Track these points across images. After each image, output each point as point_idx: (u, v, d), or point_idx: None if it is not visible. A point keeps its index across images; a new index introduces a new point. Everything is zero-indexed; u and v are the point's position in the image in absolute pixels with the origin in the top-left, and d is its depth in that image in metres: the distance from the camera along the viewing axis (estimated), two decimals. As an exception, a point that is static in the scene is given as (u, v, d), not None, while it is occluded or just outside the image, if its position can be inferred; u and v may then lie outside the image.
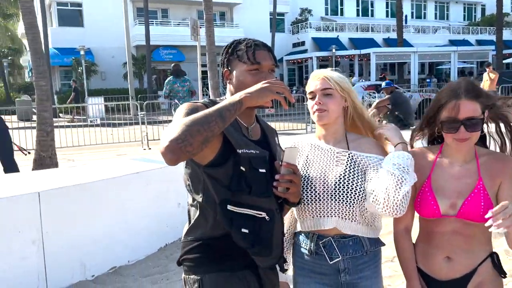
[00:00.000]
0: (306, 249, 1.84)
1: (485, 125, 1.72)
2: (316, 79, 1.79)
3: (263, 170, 1.56)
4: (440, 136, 1.77)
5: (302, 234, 1.87)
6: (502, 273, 1.72)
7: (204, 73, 13.28)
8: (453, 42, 38.33)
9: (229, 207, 1.53)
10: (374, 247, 1.81)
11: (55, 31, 28.35)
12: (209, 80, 9.16)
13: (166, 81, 9.34)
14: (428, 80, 30.92)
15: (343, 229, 1.75)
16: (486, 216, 1.37)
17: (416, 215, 1.83)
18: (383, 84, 8.34)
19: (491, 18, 39.71)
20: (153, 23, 28.67)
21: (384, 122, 7.64)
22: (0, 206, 3.32)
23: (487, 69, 14.16)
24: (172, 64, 9.91)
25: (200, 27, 12.65)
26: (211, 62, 9.44)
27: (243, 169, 1.52)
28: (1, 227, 3.30)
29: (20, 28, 39.81)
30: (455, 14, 45.38)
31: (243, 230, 1.53)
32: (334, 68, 1.89)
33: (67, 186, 3.75)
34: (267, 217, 1.58)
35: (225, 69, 1.64)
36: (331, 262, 1.77)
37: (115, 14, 26.20)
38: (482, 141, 1.76)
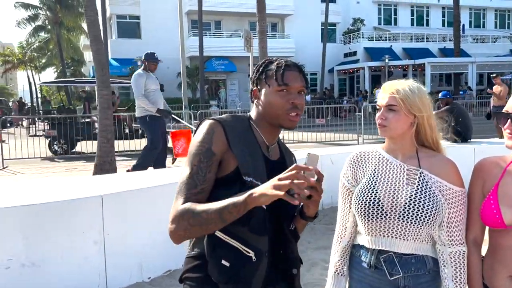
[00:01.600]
0: (365, 262, 1.79)
1: None
2: (384, 92, 1.75)
3: (264, 207, 1.44)
4: None
5: (362, 247, 1.83)
6: None
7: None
8: (515, 52, 36.55)
9: (218, 232, 1.46)
10: (437, 267, 1.75)
11: (114, 42, 29.76)
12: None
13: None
14: (461, 92, 28.76)
15: (406, 250, 1.71)
16: None
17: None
18: (440, 94, 8.10)
19: (557, 26, 37.56)
20: (206, 35, 29.42)
21: (441, 134, 7.40)
22: (66, 207, 3.53)
23: (494, 81, 11.54)
24: None
25: (253, 38, 12.85)
26: (263, 72, 9.58)
27: None
28: (66, 227, 3.51)
29: (82, 40, 42.18)
30: (517, 22, 43.28)
31: (223, 262, 1.45)
32: (413, 79, 1.83)
33: (128, 191, 3.93)
34: (254, 258, 1.47)
35: (255, 88, 1.64)
36: (391, 278, 1.72)
37: (171, 26, 27.13)
38: None
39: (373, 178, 1.77)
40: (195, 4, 25.84)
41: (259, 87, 1.62)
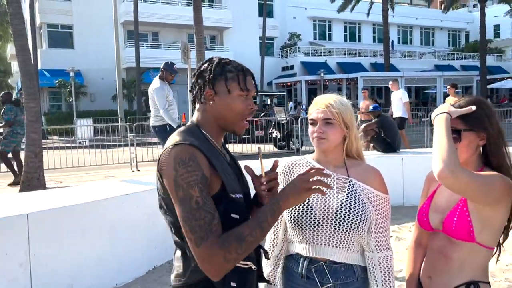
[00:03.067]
0: (297, 272, 1.83)
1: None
2: (318, 107, 1.80)
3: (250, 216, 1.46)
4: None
5: (294, 257, 1.86)
6: None
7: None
8: (438, 67, 39.17)
9: None
10: (365, 273, 1.82)
11: (45, 52, 28.44)
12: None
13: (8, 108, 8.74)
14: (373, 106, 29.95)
15: (338, 258, 1.77)
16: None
17: None
18: (370, 107, 8.48)
19: (474, 44, 40.79)
20: (143, 46, 28.91)
21: (371, 145, 7.74)
22: (-13, 228, 3.30)
23: (449, 91, 11.02)
24: (3, 92, 9.40)
25: (191, 50, 12.81)
26: (201, 85, 9.57)
27: (236, 216, 1.41)
28: (-12, 249, 3.27)
29: (8, 50, 39.86)
30: (440, 40, 46.54)
31: (232, 284, 1.43)
32: (336, 93, 1.90)
33: (56, 208, 3.73)
34: (253, 267, 1.51)
35: (209, 90, 1.50)
36: (322, 287, 1.78)
37: (106, 36, 26.41)
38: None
39: None
40: (131, 14, 25.35)
41: (215, 90, 1.49)
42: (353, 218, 1.73)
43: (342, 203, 1.75)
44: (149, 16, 29.17)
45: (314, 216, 1.76)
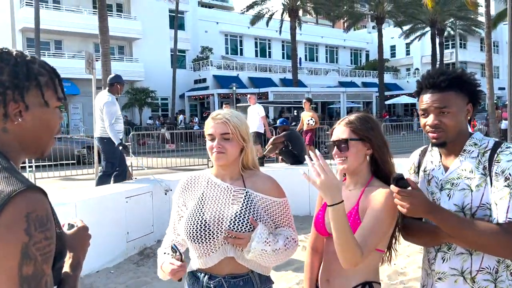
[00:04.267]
0: None
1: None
2: (215, 122, 1.82)
3: None
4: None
5: (194, 273, 1.86)
6: None
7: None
8: (342, 84, 41.63)
9: None
10: (264, 285, 1.85)
11: None
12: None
13: None
14: (280, 120, 30.55)
15: (236, 269, 1.78)
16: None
17: None
18: (278, 122, 8.77)
19: (374, 63, 44.05)
20: (45, 55, 27.12)
21: (280, 157, 7.97)
22: None
23: (304, 105, 11.22)
24: None
25: (97, 61, 12.25)
26: (107, 96, 9.16)
27: None
28: None
29: None
30: (344, 58, 49.60)
31: None
32: (233, 106, 1.94)
33: None
34: None
35: (15, 102, 1.04)
36: None
37: (1, 42, 24.31)
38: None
39: (201, 202, 1.84)
40: (31, 21, 23.69)
41: (25, 102, 1.06)
42: (246, 228, 1.75)
43: (236, 212, 1.78)
44: (51, 23, 27.48)
45: (209, 229, 1.77)
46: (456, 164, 1.68)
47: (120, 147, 6.37)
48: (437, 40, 36.19)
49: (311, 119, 10.32)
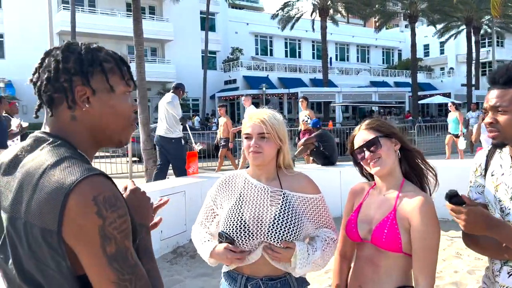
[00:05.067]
0: None
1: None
2: (252, 122, 1.83)
3: None
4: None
5: (231, 274, 1.86)
6: None
7: (133, 108, 12.97)
8: (373, 83, 41.02)
9: None
10: (301, 287, 1.85)
11: (-28, 61, 26.69)
12: (139, 115, 9.01)
13: None
14: (313, 121, 29.35)
15: (274, 272, 1.79)
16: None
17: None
18: (311, 122, 8.71)
19: (407, 62, 43.17)
20: (81, 57, 27.90)
21: (311, 158, 7.91)
22: None
23: (301, 104, 10.62)
24: None
25: (131, 62, 12.51)
26: (141, 97, 9.32)
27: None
28: None
29: None
30: (375, 57, 48.88)
31: None
32: (268, 106, 1.95)
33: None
34: None
35: (82, 86, 1.06)
36: None
37: (40, 46, 25.21)
38: (419, 180, 1.84)
39: (239, 202, 1.85)
40: (68, 24, 24.44)
41: (92, 87, 1.08)
42: (287, 230, 1.75)
43: (276, 215, 1.77)
44: (86, 26, 28.28)
45: (248, 229, 1.77)
46: None
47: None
48: (473, 39, 35.11)
49: (307, 116, 9.75)
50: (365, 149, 1.77)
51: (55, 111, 1.08)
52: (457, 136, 11.95)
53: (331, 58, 39.21)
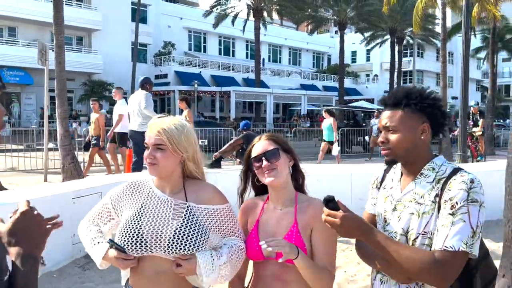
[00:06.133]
0: None
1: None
2: (151, 131, 1.74)
3: None
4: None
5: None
6: None
7: (52, 98, 12.24)
8: (303, 86, 42.11)
9: None
10: None
11: None
12: (57, 108, 8.45)
13: None
14: (243, 123, 29.39)
15: (174, 286, 1.71)
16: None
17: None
18: (240, 124, 8.73)
19: (335, 67, 44.82)
20: (-4, 41, 25.88)
21: (238, 160, 7.90)
22: None
23: (180, 105, 9.43)
24: None
25: (52, 50, 11.75)
26: (60, 89, 8.74)
27: None
28: None
29: None
30: (306, 61, 50.23)
31: None
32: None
33: None
34: None
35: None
36: None
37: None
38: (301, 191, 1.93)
39: (139, 213, 1.75)
40: (-17, 5, 22.54)
41: None
42: (188, 245, 1.67)
43: (177, 229, 1.69)
44: (5, 9, 26.28)
45: (145, 245, 1.68)
46: (411, 187, 1.63)
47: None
48: (396, 48, 37.26)
49: (186, 117, 9.58)
50: (263, 158, 1.78)
51: None
52: (331, 143, 11.78)
53: (264, 59, 39.68)
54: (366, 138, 14.00)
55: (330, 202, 1.56)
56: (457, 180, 1.52)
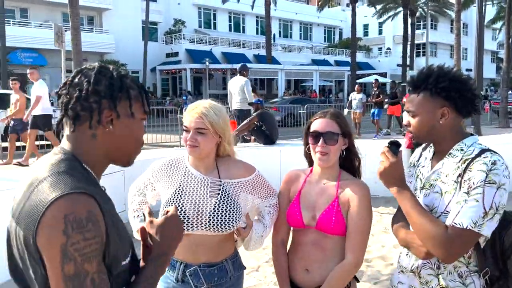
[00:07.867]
0: (173, 276, 1.91)
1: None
2: (191, 115, 1.85)
3: None
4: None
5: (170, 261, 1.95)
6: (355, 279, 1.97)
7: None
8: (315, 62, 41.68)
9: None
10: (237, 272, 1.97)
11: None
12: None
13: None
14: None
15: (212, 259, 1.90)
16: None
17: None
18: (253, 100, 8.79)
19: (347, 41, 44.15)
20: (9, 23, 26.02)
21: (253, 137, 8.04)
22: None
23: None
24: None
25: (66, 31, 11.89)
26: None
27: None
28: None
29: None
30: (317, 35, 49.53)
31: None
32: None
33: None
34: None
35: (109, 109, 1.15)
36: None
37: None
38: (350, 171, 2.02)
39: (179, 191, 1.90)
40: (-5, -14, 22.58)
41: (117, 110, 1.15)
42: (226, 220, 1.84)
43: (215, 206, 1.85)
44: (16, -10, 26.36)
45: (188, 220, 1.84)
46: (439, 166, 1.66)
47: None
48: (409, 21, 36.53)
49: None
50: (321, 137, 1.88)
51: (78, 127, 1.15)
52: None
53: (274, 35, 39.23)
54: (345, 110, 13.91)
55: (393, 145, 1.65)
56: (479, 161, 1.52)
